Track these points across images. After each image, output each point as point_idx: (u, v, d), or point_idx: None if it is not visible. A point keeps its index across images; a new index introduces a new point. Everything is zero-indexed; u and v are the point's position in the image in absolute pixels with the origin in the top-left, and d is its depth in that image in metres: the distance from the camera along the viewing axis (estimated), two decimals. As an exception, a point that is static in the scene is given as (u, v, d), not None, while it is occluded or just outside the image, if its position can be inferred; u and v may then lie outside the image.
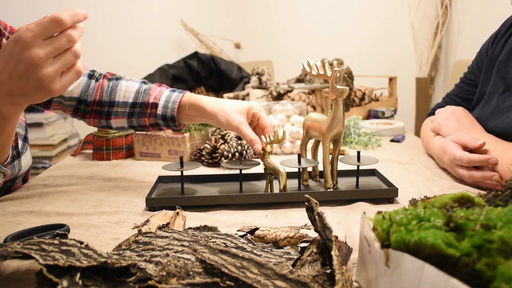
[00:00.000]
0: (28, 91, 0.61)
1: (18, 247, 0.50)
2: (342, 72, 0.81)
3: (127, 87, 0.95)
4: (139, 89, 0.95)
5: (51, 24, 0.60)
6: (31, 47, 0.59)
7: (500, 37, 1.04)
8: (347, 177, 0.96)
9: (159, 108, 0.92)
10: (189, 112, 0.92)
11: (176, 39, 3.17)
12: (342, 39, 3.19)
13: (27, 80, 0.60)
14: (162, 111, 0.92)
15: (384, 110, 1.64)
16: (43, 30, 0.59)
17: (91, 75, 0.97)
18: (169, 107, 0.92)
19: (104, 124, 0.97)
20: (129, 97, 0.94)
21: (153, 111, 0.93)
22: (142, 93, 0.94)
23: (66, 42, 0.61)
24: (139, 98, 0.94)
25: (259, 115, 0.90)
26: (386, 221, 0.43)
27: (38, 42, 0.59)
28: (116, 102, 0.94)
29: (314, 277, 0.45)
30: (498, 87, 0.99)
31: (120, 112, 0.95)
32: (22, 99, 0.62)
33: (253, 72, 1.67)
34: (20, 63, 0.59)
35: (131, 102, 0.94)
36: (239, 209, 0.81)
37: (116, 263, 0.46)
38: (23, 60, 0.59)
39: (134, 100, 0.94)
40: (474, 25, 2.64)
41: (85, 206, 0.85)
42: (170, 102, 0.92)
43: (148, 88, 0.95)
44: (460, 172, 0.90)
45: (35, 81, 0.60)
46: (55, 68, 0.61)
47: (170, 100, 0.92)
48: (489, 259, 0.34)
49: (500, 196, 0.47)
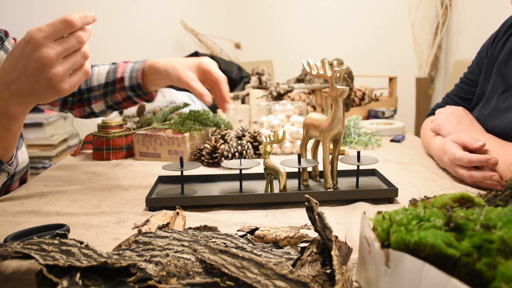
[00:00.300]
0: (37, 91, 0.62)
1: (18, 247, 0.50)
2: (342, 72, 0.81)
3: (99, 70, 1.02)
4: (108, 70, 1.02)
5: (62, 25, 0.61)
6: (42, 47, 0.59)
7: (500, 37, 1.04)
8: (347, 177, 0.95)
9: (125, 80, 0.99)
10: (150, 76, 0.97)
11: (176, 39, 3.17)
12: (342, 39, 3.19)
13: (37, 79, 0.61)
14: (129, 82, 0.98)
15: (384, 110, 1.64)
16: (54, 31, 0.60)
17: None
18: (133, 76, 0.98)
19: (88, 111, 1.04)
20: (101, 79, 1.01)
21: (122, 85, 0.99)
22: (112, 72, 1.01)
23: (76, 43, 0.63)
24: (110, 77, 1.01)
25: (210, 70, 0.91)
26: (386, 221, 0.43)
27: (49, 42, 0.60)
28: (92, 87, 1.01)
29: (314, 277, 0.45)
30: (498, 87, 0.99)
31: (98, 95, 1.02)
32: (31, 98, 0.63)
33: (253, 72, 1.67)
34: (31, 63, 0.60)
35: (103, 83, 1.01)
36: (239, 209, 0.81)
37: (116, 263, 0.46)
38: (34, 59, 0.59)
39: (106, 80, 1.01)
40: (474, 25, 2.64)
41: (85, 206, 0.85)
42: (134, 71, 0.98)
43: (116, 66, 1.02)
44: (460, 172, 0.90)
45: (44, 81, 0.60)
46: (65, 68, 0.61)
47: (134, 70, 0.98)
48: (489, 259, 0.34)
49: (500, 196, 0.47)
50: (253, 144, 1.19)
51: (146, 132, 1.20)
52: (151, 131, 1.20)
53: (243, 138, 1.22)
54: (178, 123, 1.19)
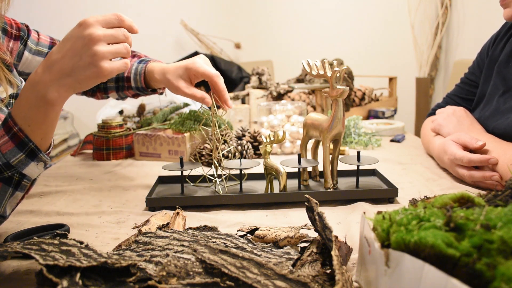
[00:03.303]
0: (78, 69, 0.64)
1: (18, 247, 0.50)
2: (342, 72, 0.81)
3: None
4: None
5: (113, 16, 0.68)
6: (92, 27, 0.64)
7: (501, 38, 1.04)
8: (347, 177, 0.95)
9: (131, 81, 1.03)
10: (150, 82, 1.01)
11: (176, 39, 3.17)
12: (342, 39, 3.19)
13: (80, 57, 0.63)
14: (134, 83, 1.03)
15: (384, 110, 1.64)
16: (104, 19, 0.66)
17: None
18: (137, 80, 1.02)
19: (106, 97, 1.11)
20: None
21: (130, 84, 1.03)
22: None
23: (121, 35, 0.68)
24: (119, 74, 1.03)
25: (199, 71, 0.92)
26: (386, 221, 0.43)
27: (99, 25, 0.65)
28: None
29: (314, 277, 0.45)
30: (498, 88, 0.99)
31: (111, 87, 1.06)
32: (70, 79, 0.64)
33: (253, 72, 1.67)
34: (78, 40, 0.64)
35: (115, 77, 1.05)
36: (239, 209, 0.81)
37: (116, 263, 0.46)
38: (82, 36, 0.64)
39: (117, 75, 1.04)
40: (474, 25, 2.64)
41: (85, 206, 0.85)
42: (137, 75, 1.02)
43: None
44: (460, 172, 0.90)
45: (88, 58, 0.63)
46: (108, 49, 0.65)
47: (137, 73, 1.02)
48: (489, 259, 0.34)
49: (500, 196, 0.47)
50: (253, 144, 1.19)
51: (146, 132, 1.20)
52: (151, 131, 1.20)
53: (243, 138, 1.22)
54: (178, 123, 1.19)
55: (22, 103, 0.65)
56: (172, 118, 1.28)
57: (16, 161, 0.64)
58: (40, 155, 0.66)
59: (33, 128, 0.65)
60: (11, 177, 0.65)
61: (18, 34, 0.92)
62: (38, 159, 0.66)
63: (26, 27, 0.95)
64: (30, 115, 0.64)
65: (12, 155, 0.64)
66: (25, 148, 0.64)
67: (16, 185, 0.66)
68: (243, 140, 1.19)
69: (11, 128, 0.64)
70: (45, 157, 0.67)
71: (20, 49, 0.92)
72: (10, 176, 0.64)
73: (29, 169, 0.66)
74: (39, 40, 0.97)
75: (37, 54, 0.97)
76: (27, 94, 0.65)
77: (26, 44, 0.94)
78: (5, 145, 0.63)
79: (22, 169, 0.65)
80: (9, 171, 0.64)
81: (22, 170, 0.65)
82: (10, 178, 0.65)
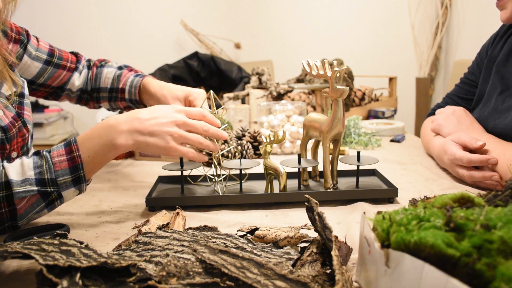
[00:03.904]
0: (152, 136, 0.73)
1: (18, 247, 0.50)
2: (342, 72, 0.81)
3: (106, 73, 1.07)
4: (114, 75, 1.06)
5: (197, 111, 0.79)
6: (180, 112, 0.76)
7: (500, 38, 1.05)
8: (347, 177, 0.95)
9: (126, 93, 1.04)
10: (144, 95, 1.02)
11: (176, 39, 3.17)
12: (342, 39, 3.19)
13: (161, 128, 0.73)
14: (128, 96, 1.04)
15: (384, 110, 1.64)
16: (190, 110, 0.78)
17: (88, 66, 1.09)
18: (132, 92, 1.03)
19: (98, 107, 1.12)
20: (108, 83, 1.06)
21: (123, 96, 1.05)
22: (116, 79, 1.05)
23: (200, 126, 0.77)
24: (114, 84, 1.05)
25: (194, 103, 0.96)
26: (386, 221, 0.43)
27: (185, 114, 0.77)
28: (100, 88, 1.06)
29: (314, 277, 0.45)
30: (496, 87, 0.99)
31: (104, 97, 1.07)
32: (141, 138, 0.73)
33: (253, 72, 1.67)
34: (166, 117, 0.75)
35: (109, 87, 1.06)
36: (239, 209, 0.81)
37: (116, 263, 0.46)
38: (170, 116, 0.75)
39: (111, 86, 1.05)
40: (474, 25, 2.64)
41: (85, 206, 0.85)
42: (133, 87, 1.03)
43: (120, 74, 1.06)
44: (460, 172, 0.90)
45: (163, 133, 0.73)
46: (184, 135, 0.75)
47: (133, 86, 1.03)
48: (489, 259, 0.34)
49: (500, 196, 0.47)
50: (253, 144, 1.19)
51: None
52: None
53: (243, 138, 1.22)
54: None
55: (93, 137, 0.72)
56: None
57: (62, 181, 0.69)
58: (82, 184, 0.71)
59: (91, 160, 0.71)
60: (50, 193, 0.69)
61: (18, 38, 0.92)
62: (79, 187, 0.71)
63: (26, 32, 0.95)
64: (95, 150, 0.71)
65: (62, 175, 0.69)
66: (75, 173, 0.70)
67: (49, 203, 0.70)
68: (243, 140, 1.19)
69: (73, 151, 0.70)
70: (84, 188, 0.73)
71: (19, 53, 0.92)
72: (50, 192, 0.69)
73: (68, 192, 0.71)
74: (39, 46, 0.97)
75: (36, 59, 0.96)
76: (101, 131, 0.72)
77: (26, 49, 0.94)
78: (60, 164, 0.69)
79: (63, 190, 0.70)
80: (52, 187, 0.68)
81: (62, 191, 0.70)
82: (49, 194, 0.69)
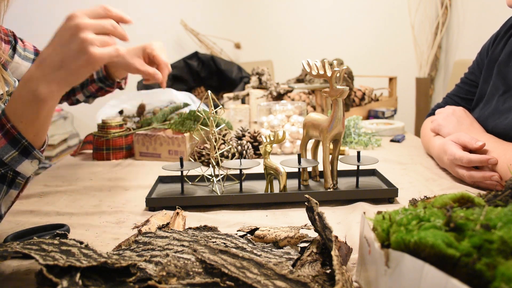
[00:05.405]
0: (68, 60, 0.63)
1: (18, 247, 0.50)
2: (342, 72, 0.81)
3: None
4: None
5: (99, 8, 0.67)
6: (79, 18, 0.64)
7: (501, 38, 1.04)
8: (347, 177, 0.95)
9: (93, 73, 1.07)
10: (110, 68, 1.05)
11: (176, 39, 3.17)
12: (342, 39, 3.19)
13: (69, 46, 0.63)
14: (96, 74, 1.07)
15: (384, 110, 1.64)
16: (91, 10, 0.66)
17: None
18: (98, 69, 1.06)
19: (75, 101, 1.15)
20: None
21: (92, 77, 1.07)
22: None
23: (109, 25, 0.66)
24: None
25: (154, 53, 0.96)
26: (386, 221, 0.43)
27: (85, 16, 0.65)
28: None
29: (314, 277, 0.45)
30: (498, 88, 0.99)
31: (77, 87, 1.11)
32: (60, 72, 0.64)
33: (253, 72, 1.67)
34: (66, 31, 0.63)
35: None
36: (239, 209, 0.81)
37: (116, 263, 0.46)
38: (69, 27, 0.63)
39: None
40: (474, 25, 2.64)
41: (85, 206, 0.85)
42: None
43: None
44: (460, 172, 0.90)
45: (76, 45, 0.63)
46: (97, 37, 0.64)
47: None
48: (489, 259, 0.34)
49: (500, 196, 0.47)
50: (253, 144, 1.19)
51: (146, 132, 1.20)
52: (151, 131, 1.20)
53: (243, 138, 1.22)
54: (178, 123, 1.19)
55: (15, 100, 0.64)
56: (172, 118, 1.28)
57: (9, 158, 0.64)
58: (33, 152, 0.66)
59: (26, 125, 0.64)
60: (4, 175, 0.64)
61: (7, 40, 0.94)
62: (32, 156, 0.66)
63: (13, 34, 0.97)
64: (23, 112, 0.64)
65: (5, 152, 0.63)
66: (18, 145, 0.64)
67: (10, 183, 0.65)
68: (243, 140, 1.19)
69: (4, 125, 0.64)
70: (39, 155, 0.67)
71: (9, 53, 0.94)
72: (4, 173, 0.64)
73: (23, 166, 0.66)
74: (25, 46, 1.01)
75: (25, 59, 0.99)
76: (20, 91, 0.64)
77: (16, 49, 0.96)
78: None
79: (16, 166, 0.65)
80: (2, 168, 0.64)
81: (16, 168, 0.65)
82: (3, 176, 0.64)
